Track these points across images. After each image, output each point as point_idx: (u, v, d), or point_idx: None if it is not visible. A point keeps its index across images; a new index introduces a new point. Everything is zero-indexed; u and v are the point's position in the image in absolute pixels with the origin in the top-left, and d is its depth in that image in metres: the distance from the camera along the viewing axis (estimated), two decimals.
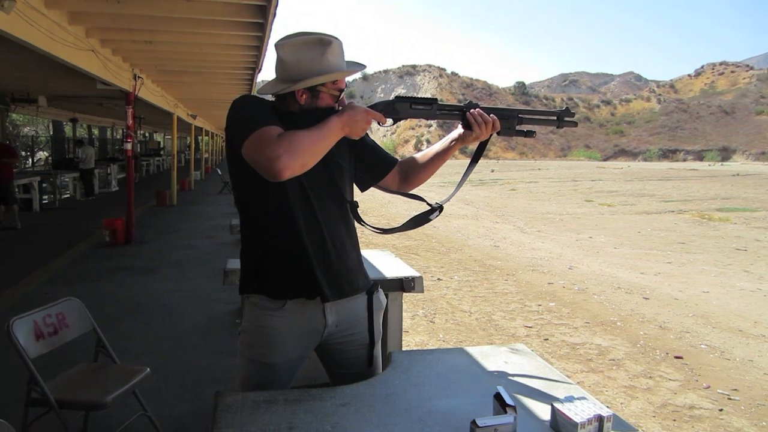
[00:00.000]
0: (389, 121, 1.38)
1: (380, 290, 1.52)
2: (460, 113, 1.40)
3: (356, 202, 1.43)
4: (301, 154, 1.18)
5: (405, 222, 1.46)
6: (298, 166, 1.18)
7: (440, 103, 1.40)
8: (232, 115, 1.29)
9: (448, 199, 1.47)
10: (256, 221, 1.38)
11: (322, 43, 1.29)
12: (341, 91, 1.36)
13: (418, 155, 1.55)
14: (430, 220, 1.44)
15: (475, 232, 9.86)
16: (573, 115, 1.45)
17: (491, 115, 1.40)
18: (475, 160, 1.50)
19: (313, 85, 1.31)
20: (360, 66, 1.38)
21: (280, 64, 1.33)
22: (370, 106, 1.34)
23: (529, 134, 1.44)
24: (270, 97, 1.38)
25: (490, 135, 1.43)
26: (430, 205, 1.44)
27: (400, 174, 1.53)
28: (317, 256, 1.35)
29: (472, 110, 1.39)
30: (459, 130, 1.44)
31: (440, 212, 1.45)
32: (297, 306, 1.37)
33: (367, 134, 1.38)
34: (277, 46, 1.32)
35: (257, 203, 1.36)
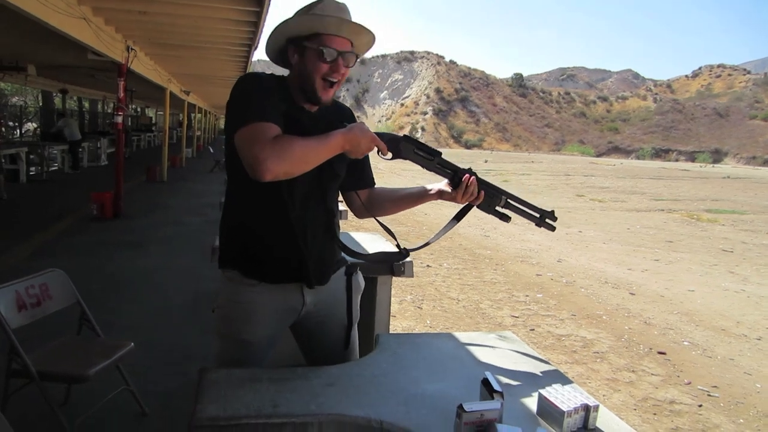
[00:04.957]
0: (389, 154, 1.36)
1: (359, 272, 1.51)
2: (452, 174, 1.40)
3: (334, 212, 1.42)
4: (289, 162, 1.15)
5: (373, 253, 1.54)
6: (281, 173, 1.15)
7: (442, 158, 1.39)
8: (234, 94, 1.24)
9: (418, 249, 1.47)
10: (243, 198, 1.35)
11: (312, 3, 1.27)
12: (329, 51, 1.23)
13: (391, 190, 1.54)
14: (395, 261, 1.51)
15: (466, 221, 9.76)
16: (555, 219, 1.47)
17: (481, 192, 1.39)
18: (457, 218, 1.49)
19: (299, 42, 1.26)
20: (339, 20, 1.23)
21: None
22: (378, 134, 1.31)
23: (504, 218, 1.45)
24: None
25: (469, 204, 1.42)
26: (398, 248, 1.47)
27: (368, 197, 1.52)
28: (301, 243, 1.33)
29: (467, 174, 1.39)
30: (440, 184, 1.44)
31: (405, 258, 1.50)
32: (275, 284, 1.36)
33: None
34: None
35: (248, 182, 1.31)
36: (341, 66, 1.27)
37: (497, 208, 1.42)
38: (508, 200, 1.42)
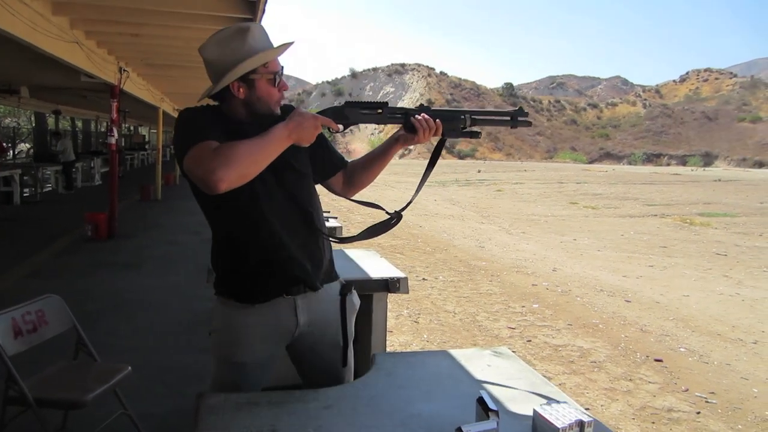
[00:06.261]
0: (340, 127, 1.34)
1: (354, 292, 1.52)
2: (404, 117, 1.38)
3: (311, 212, 1.41)
4: (237, 166, 1.15)
5: (362, 231, 1.45)
6: (234, 178, 1.15)
7: (390, 107, 1.38)
8: (175, 132, 1.30)
9: (405, 207, 1.46)
10: (216, 223, 1.40)
11: (241, 30, 1.28)
12: (276, 74, 1.31)
13: (360, 159, 1.55)
14: (390, 228, 1.44)
15: (461, 233, 9.90)
16: (526, 114, 1.42)
17: (437, 120, 1.37)
18: (432, 163, 1.46)
19: (243, 74, 1.27)
20: (286, 44, 1.33)
21: (208, 66, 1.32)
22: (320, 112, 1.32)
23: (474, 135, 1.41)
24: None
25: (444, 139, 1.41)
26: (388, 213, 1.44)
27: (345, 176, 1.53)
28: (279, 253, 1.35)
29: (416, 115, 1.36)
30: (398, 132, 1.43)
31: (399, 221, 1.45)
32: (268, 305, 1.37)
33: (321, 134, 1.34)
34: (200, 49, 1.32)
35: (214, 207, 1.37)
36: (284, 82, 1.33)
37: (465, 129, 1.39)
38: (473, 117, 1.39)
